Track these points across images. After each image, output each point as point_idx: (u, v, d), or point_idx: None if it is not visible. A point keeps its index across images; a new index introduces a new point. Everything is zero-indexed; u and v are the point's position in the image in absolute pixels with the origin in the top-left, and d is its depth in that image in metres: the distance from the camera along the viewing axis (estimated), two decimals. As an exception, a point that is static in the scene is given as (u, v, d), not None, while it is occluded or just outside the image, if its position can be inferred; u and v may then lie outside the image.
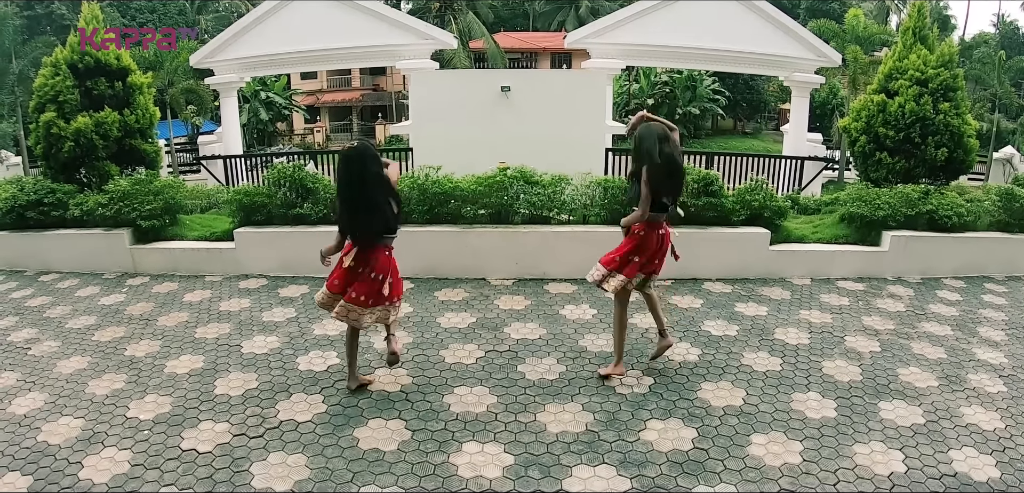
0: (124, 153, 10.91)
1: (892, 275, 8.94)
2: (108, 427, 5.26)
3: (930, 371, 6.26)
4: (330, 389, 5.74)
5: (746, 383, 5.86)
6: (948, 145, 10.67)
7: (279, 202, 8.80)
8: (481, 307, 7.52)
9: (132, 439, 5.10)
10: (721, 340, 6.71)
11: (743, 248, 8.65)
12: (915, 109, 10.56)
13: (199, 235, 9.42)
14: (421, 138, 15.27)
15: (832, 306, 7.79)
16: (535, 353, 6.38)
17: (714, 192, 8.63)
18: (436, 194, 8.47)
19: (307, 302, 7.77)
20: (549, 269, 8.42)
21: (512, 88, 14.88)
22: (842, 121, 12.65)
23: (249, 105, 41.42)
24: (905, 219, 9.06)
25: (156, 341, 6.85)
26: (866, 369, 6.22)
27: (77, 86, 10.71)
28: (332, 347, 6.54)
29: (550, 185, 8.71)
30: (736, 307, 7.63)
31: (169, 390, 5.81)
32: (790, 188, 17.93)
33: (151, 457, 4.87)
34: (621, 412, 5.35)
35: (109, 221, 9.26)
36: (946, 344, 6.90)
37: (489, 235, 8.45)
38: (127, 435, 5.15)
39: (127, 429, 5.23)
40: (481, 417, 5.28)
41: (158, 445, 5.01)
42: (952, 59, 11.08)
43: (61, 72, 10.64)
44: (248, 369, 6.16)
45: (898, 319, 7.51)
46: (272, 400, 5.60)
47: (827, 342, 6.77)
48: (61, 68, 10.68)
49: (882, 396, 5.75)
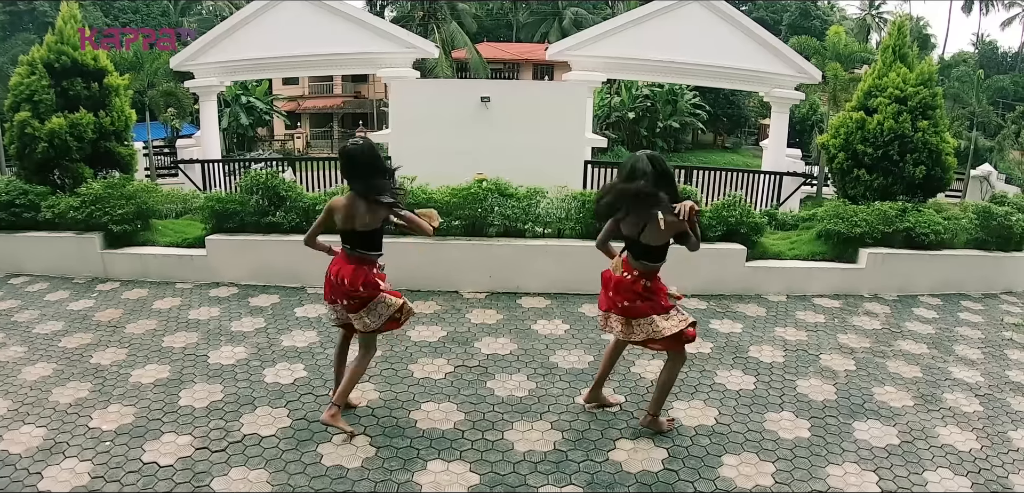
0: (99, 155, 10.72)
1: (869, 292, 8.90)
2: (70, 437, 5.11)
3: (906, 390, 6.20)
4: (296, 403, 5.61)
5: (719, 402, 5.77)
6: (926, 163, 10.65)
7: (252, 209, 8.65)
8: (452, 321, 7.41)
9: (93, 450, 4.95)
10: (694, 358, 6.59)
11: (719, 264, 8.58)
12: (894, 126, 10.54)
13: (171, 241, 9.25)
14: (400, 147, 15.13)
15: (808, 323, 7.73)
16: (505, 369, 6.27)
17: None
18: (409, 205, 8.31)
19: (277, 312, 7.64)
20: (523, 283, 8.32)
21: (492, 99, 14.82)
22: (821, 137, 12.62)
23: (230, 109, 41.13)
24: (882, 236, 9.04)
25: (123, 349, 6.69)
26: (841, 388, 6.15)
27: (53, 86, 10.52)
28: (299, 359, 6.41)
29: (525, 198, 8.61)
30: (711, 324, 7.55)
31: (133, 400, 5.66)
32: (769, 203, 17.95)
33: (111, 469, 4.73)
34: (590, 431, 5.24)
35: (81, 225, 9.07)
36: (922, 362, 6.86)
37: (462, 247, 8.34)
38: (88, 445, 5.00)
39: (89, 439, 5.08)
40: (447, 435, 5.16)
41: (119, 457, 4.87)
42: (931, 77, 11.08)
43: (37, 71, 10.44)
44: (214, 380, 6.01)
45: (874, 337, 7.45)
46: (236, 413, 5.45)
47: (802, 360, 6.70)
48: (37, 67, 10.48)
49: (857, 416, 5.68)
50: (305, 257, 8.00)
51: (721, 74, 18.96)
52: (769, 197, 18.40)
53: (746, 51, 18.10)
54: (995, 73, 38.98)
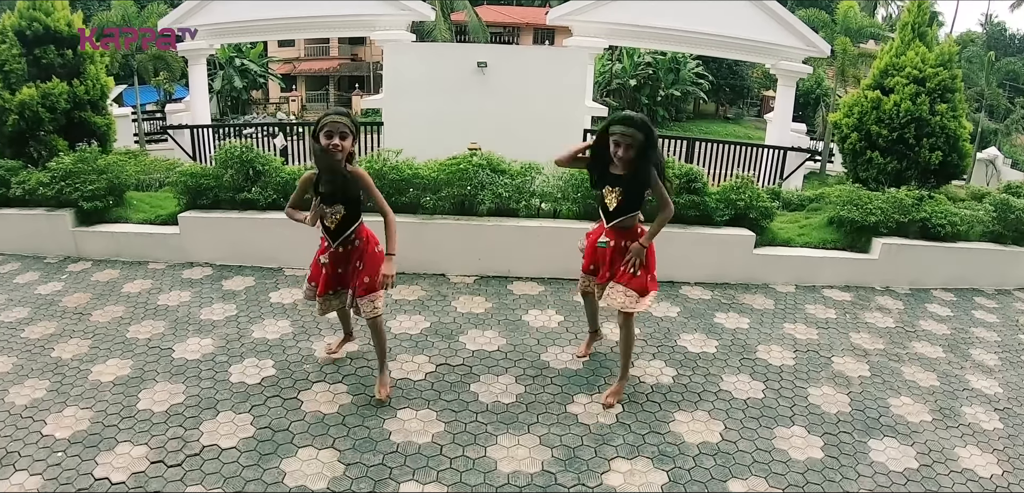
0: (74, 126, 10.24)
1: (880, 285, 8.40)
2: (22, 446, 4.64)
3: (923, 402, 5.73)
4: (261, 407, 5.10)
5: (724, 414, 5.27)
6: (943, 148, 10.19)
7: (226, 185, 8.11)
8: (437, 309, 6.88)
9: (44, 462, 4.48)
10: (698, 359, 6.11)
11: (725, 251, 8.05)
12: (911, 108, 10.08)
13: (145, 217, 8.69)
14: (394, 113, 14.73)
15: (818, 319, 7.23)
16: (491, 369, 5.74)
17: (697, 189, 8.03)
18: (393, 181, 7.80)
19: (250, 297, 7.13)
20: (514, 267, 7.80)
21: (490, 64, 14.37)
22: (833, 115, 12.13)
23: (223, 72, 40.71)
24: (897, 226, 8.52)
25: (86, 340, 6.19)
26: (855, 398, 5.66)
27: (24, 55, 10.02)
28: (269, 354, 5.90)
29: (519, 175, 8.07)
30: (716, 317, 7.04)
31: (90, 402, 5.17)
32: (772, 178, 17.55)
33: (61, 485, 4.27)
34: (582, 448, 4.73)
35: (51, 201, 8.55)
36: (938, 369, 6.38)
37: (450, 227, 7.77)
38: (40, 456, 4.53)
39: (40, 449, 4.61)
40: (424, 450, 4.64)
41: (70, 471, 4.40)
42: (951, 58, 10.60)
43: (7, 40, 9.94)
44: (177, 378, 5.51)
45: (888, 337, 6.97)
46: (196, 419, 4.95)
47: (813, 364, 6.21)
48: (8, 35, 9.96)
49: (872, 433, 5.20)
50: (282, 237, 7.64)
51: (727, 44, 18.45)
52: (773, 172, 17.99)
53: (754, 21, 17.61)
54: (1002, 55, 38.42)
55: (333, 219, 4.96)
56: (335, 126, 4.71)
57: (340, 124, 4.72)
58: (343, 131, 4.73)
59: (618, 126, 4.80)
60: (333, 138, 4.70)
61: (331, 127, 4.70)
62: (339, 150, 4.72)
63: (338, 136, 4.71)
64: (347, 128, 4.76)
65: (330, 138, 4.70)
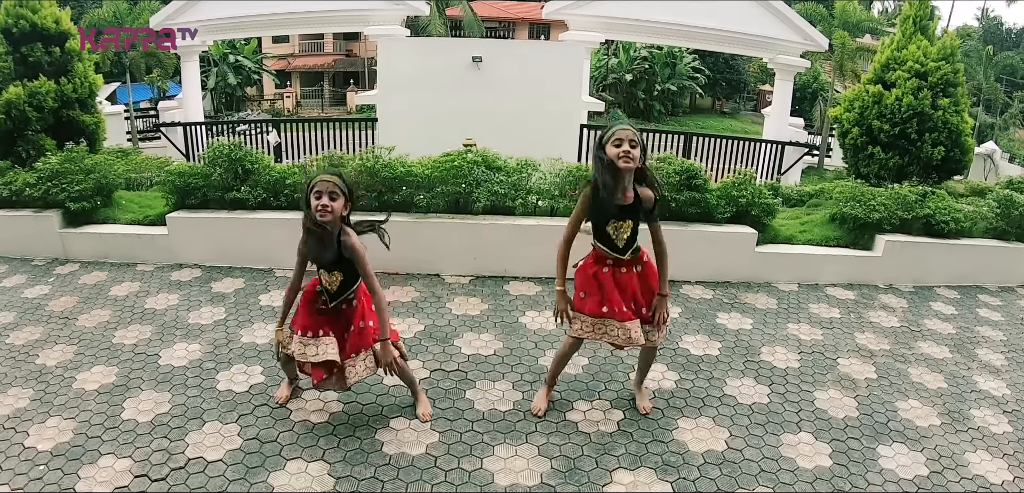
0: (62, 125, 10.06)
1: (884, 282, 8.24)
2: (3, 459, 4.44)
3: (931, 405, 5.56)
4: (248, 417, 4.90)
5: (729, 420, 5.09)
6: (945, 143, 10.02)
7: (215, 184, 7.91)
8: (431, 311, 6.70)
9: (26, 476, 4.28)
10: (701, 361, 5.94)
11: (727, 249, 7.88)
12: (913, 103, 9.91)
13: (133, 218, 8.49)
14: (388, 109, 14.56)
15: (822, 319, 7.06)
16: (488, 374, 5.55)
17: (698, 186, 7.85)
18: (386, 179, 7.61)
19: (239, 300, 6.94)
20: (511, 266, 7.61)
21: (484, 59, 14.20)
22: (833, 110, 11.96)
23: (217, 69, 40.55)
24: (900, 223, 8.35)
25: (71, 346, 5.99)
26: (862, 402, 5.49)
27: (11, 53, 9.84)
28: (258, 360, 5.71)
29: (515, 171, 7.89)
30: (718, 318, 6.87)
31: (74, 412, 4.98)
32: (770, 173, 17.43)
33: (42, 501, 4.07)
34: (583, 458, 4.54)
35: (38, 202, 8.34)
36: (945, 369, 6.21)
37: (445, 226, 7.57)
38: (21, 470, 4.34)
39: (22, 462, 4.41)
40: (418, 462, 4.45)
41: (52, 485, 4.21)
42: (953, 52, 10.42)
43: (-7, 38, 9.74)
44: (162, 386, 5.31)
45: (893, 337, 6.80)
46: (182, 429, 4.76)
47: (819, 366, 6.04)
48: (-7, 33, 9.77)
49: (881, 438, 5.02)
50: (272, 237, 7.45)
51: (725, 38, 18.33)
52: (770, 167, 17.87)
53: (751, 14, 17.50)
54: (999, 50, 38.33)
55: (333, 284, 4.58)
56: (324, 185, 4.29)
57: (329, 184, 4.30)
58: (333, 191, 4.30)
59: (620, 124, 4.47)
60: (322, 199, 4.27)
61: (320, 186, 4.29)
62: (329, 212, 4.28)
63: (327, 196, 4.28)
64: (338, 189, 4.32)
65: (319, 199, 4.28)
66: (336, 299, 4.60)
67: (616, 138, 4.36)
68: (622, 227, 4.60)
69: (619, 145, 4.35)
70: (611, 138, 4.38)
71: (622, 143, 4.34)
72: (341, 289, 4.57)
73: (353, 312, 4.65)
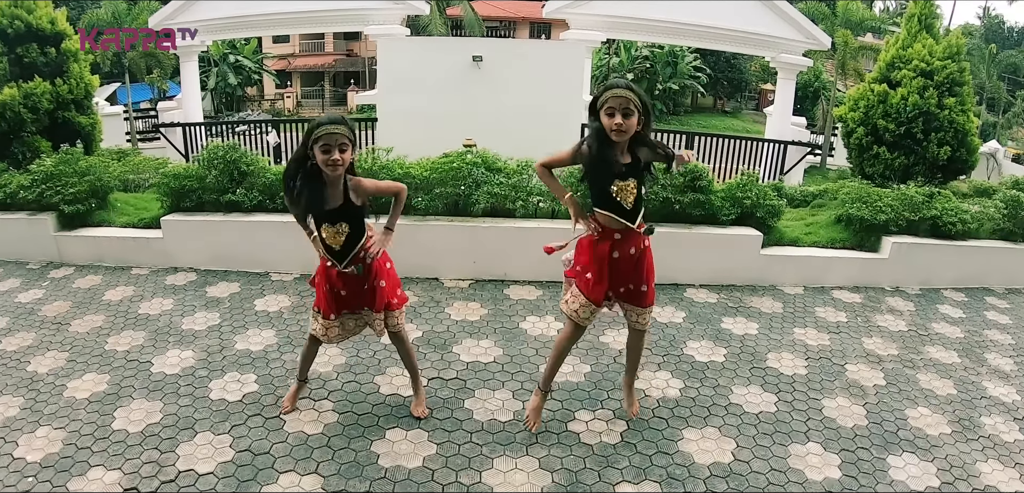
0: (58, 127, 9.94)
1: (890, 285, 8.10)
2: (-8, 471, 4.32)
3: (941, 412, 5.42)
4: (241, 427, 4.76)
5: (736, 430, 4.94)
6: (951, 143, 9.88)
7: (211, 186, 7.77)
8: (430, 316, 6.56)
9: (14, 488, 4.17)
10: (706, 368, 5.79)
11: (732, 252, 7.73)
12: (919, 102, 9.77)
13: (129, 220, 8.35)
14: (388, 109, 14.44)
15: (829, 323, 6.92)
16: (487, 382, 5.41)
17: (702, 187, 7.71)
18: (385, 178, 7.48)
19: (234, 304, 6.81)
20: (511, 270, 7.48)
21: (485, 58, 14.07)
22: (838, 109, 11.82)
23: (217, 69, 40.47)
24: (907, 224, 8.21)
25: (63, 353, 5.87)
26: (871, 410, 5.35)
27: (6, 54, 9.75)
28: (252, 368, 5.57)
29: (515, 173, 7.75)
30: (723, 323, 6.73)
31: (64, 421, 4.85)
32: (773, 173, 17.32)
33: (30, 516, 3.93)
34: (585, 472, 4.40)
35: (33, 205, 8.21)
36: (954, 375, 6.08)
37: (444, 229, 7.44)
38: (9, 482, 4.22)
39: (11, 473, 4.29)
40: (414, 475, 4.30)
41: (40, 498, 4.07)
42: (959, 51, 10.27)
43: (-12, 39, 9.64)
44: (154, 395, 5.18)
45: (901, 341, 6.66)
46: (173, 440, 4.62)
47: (826, 372, 5.90)
48: (-12, 34, 9.66)
49: (891, 448, 4.89)
50: (268, 241, 7.31)
51: (727, 36, 18.19)
52: (773, 166, 17.74)
53: (753, 13, 17.36)
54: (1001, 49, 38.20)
55: (337, 240, 4.28)
56: (333, 138, 4.00)
57: (339, 136, 4.01)
58: (343, 142, 4.03)
59: (611, 90, 4.03)
60: (332, 153, 4.00)
61: (328, 140, 3.99)
62: (340, 165, 4.06)
63: (338, 150, 4.01)
64: (347, 138, 4.06)
65: (329, 153, 4.00)
66: (346, 259, 4.34)
67: (608, 107, 4.03)
68: (626, 187, 4.20)
69: (611, 115, 4.03)
70: (604, 104, 4.05)
71: (614, 114, 4.02)
72: (347, 245, 4.31)
73: (370, 271, 4.46)
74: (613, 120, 4.02)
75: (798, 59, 18.32)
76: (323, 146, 4.01)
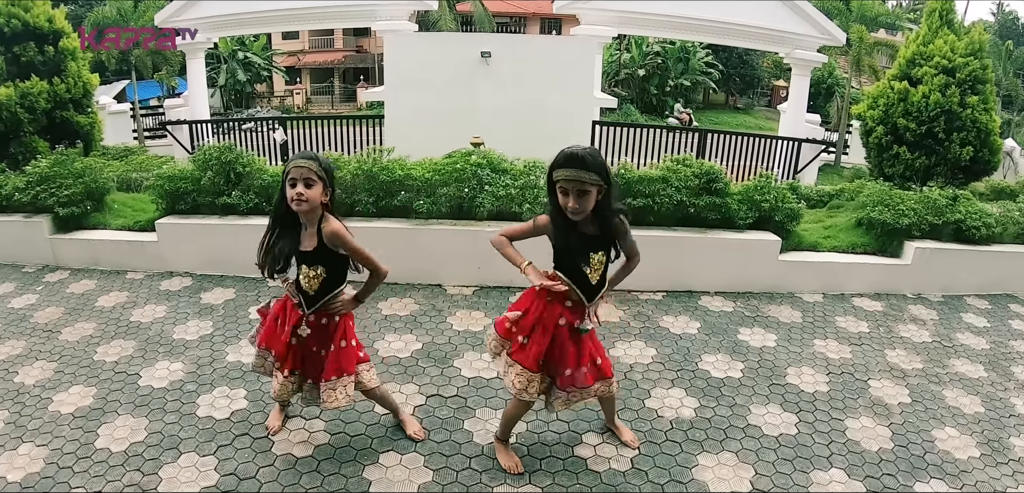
0: (56, 126, 9.74)
1: (912, 292, 7.76)
2: (-30, 493, 4.08)
3: (969, 433, 5.10)
4: (227, 449, 4.48)
5: (754, 454, 4.62)
6: (974, 143, 9.53)
7: (206, 188, 7.50)
8: (431, 326, 6.26)
9: (-6, 512, 3.91)
10: (723, 385, 5.47)
11: (749, 257, 7.41)
12: (941, 100, 9.43)
13: (125, 223, 8.11)
14: (395, 106, 14.17)
15: (850, 334, 6.60)
16: (489, 400, 5.09)
17: (718, 190, 7.40)
18: (384, 182, 7.18)
19: (228, 313, 6.55)
20: (517, 277, 7.08)
21: (494, 54, 13.79)
22: (857, 107, 11.49)
23: (226, 66, 40.42)
24: (930, 228, 7.87)
25: (52, 363, 5.64)
26: (897, 431, 5.03)
27: (2, 53, 9.56)
28: (242, 382, 5.29)
29: (522, 174, 7.44)
30: (740, 334, 6.41)
31: (47, 438, 4.61)
32: (787, 171, 17.03)
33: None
34: (592, 503, 4.11)
35: (28, 207, 7.99)
36: (982, 391, 5.75)
37: (447, 233, 7.14)
38: (-11, 505, 3.97)
39: (-11, 496, 4.05)
40: (409, 506, 4.03)
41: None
42: (982, 47, 9.92)
43: (-15, 38, 9.44)
44: (140, 411, 4.92)
45: (925, 354, 6.33)
46: (156, 461, 4.36)
47: (849, 389, 5.57)
48: (-15, 33, 9.47)
49: (918, 474, 4.57)
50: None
51: (740, 32, 17.89)
52: (787, 165, 17.43)
53: (767, 8, 17.06)
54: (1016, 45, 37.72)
55: (313, 283, 4.04)
56: (299, 171, 3.82)
57: (305, 169, 3.83)
58: (309, 178, 3.83)
59: (562, 170, 3.61)
60: (296, 186, 3.81)
61: (295, 174, 3.83)
62: (305, 201, 3.83)
63: (302, 184, 3.82)
64: (315, 174, 3.85)
65: (293, 187, 3.82)
66: (315, 304, 4.07)
67: (560, 187, 3.65)
68: (595, 261, 3.86)
69: (565, 194, 3.64)
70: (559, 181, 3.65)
71: (568, 194, 3.63)
72: (322, 289, 4.05)
73: (335, 328, 4.19)
74: (568, 200, 3.63)
75: (813, 55, 18.00)
76: (289, 179, 3.84)
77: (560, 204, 3.67)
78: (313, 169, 3.83)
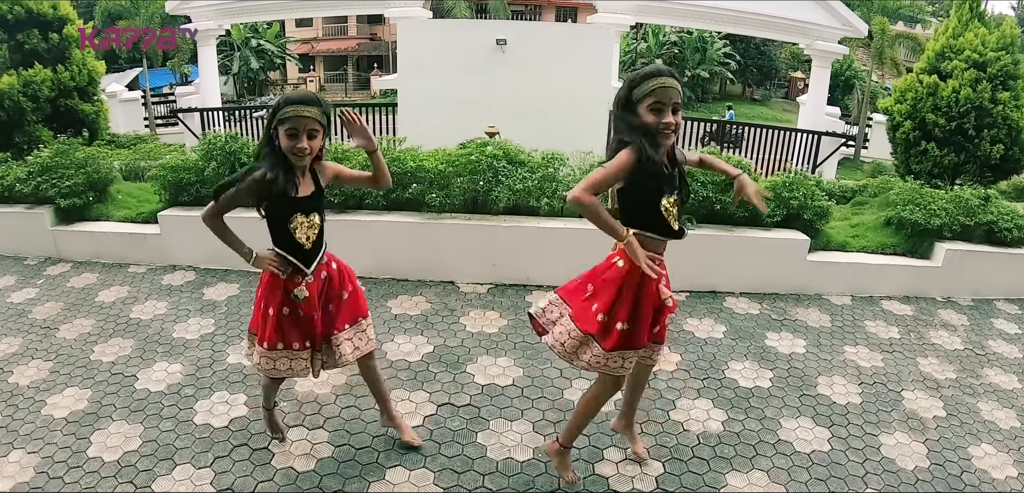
0: (60, 115, 9.54)
1: (942, 295, 7.45)
2: (-42, 502, 3.87)
3: (1006, 450, 4.80)
4: (225, 460, 4.23)
5: (786, 473, 4.33)
6: (1004, 141, 9.20)
7: (210, 179, 7.25)
8: (443, 327, 5.98)
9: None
10: (751, 395, 5.18)
11: (776, 257, 7.10)
12: (971, 96, 9.08)
13: (128, 214, 7.91)
14: (409, 94, 13.96)
15: (881, 341, 6.29)
16: (504, 410, 4.80)
17: (747, 186, 7.10)
18: (395, 174, 6.90)
19: (231, 309, 6.31)
20: (533, 274, 6.89)
21: (509, 42, 13.55)
22: (883, 101, 11.17)
23: (240, 54, 40.38)
24: (962, 229, 7.55)
25: (48, 362, 5.44)
26: (932, 448, 4.74)
27: (7, 40, 9.37)
28: (242, 386, 5.05)
29: (540, 166, 7.16)
30: (767, 339, 6.11)
31: (39, 444, 4.40)
32: (805, 164, 16.75)
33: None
34: (614, 526, 3.84)
35: (30, 198, 7.81)
36: (1017, 403, 5.44)
37: (460, 228, 6.86)
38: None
39: (-22, 505, 3.83)
40: (416, 528, 3.77)
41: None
42: (1013, 42, 9.58)
43: (-12, 25, 9.26)
44: (135, 417, 4.68)
45: (958, 363, 6.02)
46: (150, 473, 4.12)
47: (882, 401, 5.28)
48: (-12, 21, 9.29)
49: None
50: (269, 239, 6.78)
51: (761, 22, 17.58)
52: (806, 158, 17.13)
53: (788, -2, 16.73)
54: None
55: (311, 233, 3.66)
56: (301, 123, 3.37)
57: (307, 120, 3.39)
58: (313, 128, 3.42)
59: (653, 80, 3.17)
60: (299, 139, 3.40)
61: (295, 124, 3.37)
62: (306, 154, 3.45)
63: (306, 136, 3.41)
64: (318, 123, 3.43)
65: (294, 139, 3.39)
66: (314, 257, 3.71)
67: (656, 100, 3.18)
68: (674, 203, 3.44)
69: (659, 111, 3.19)
70: (647, 97, 3.19)
71: (663, 110, 3.19)
72: (320, 240, 3.72)
73: (336, 275, 3.88)
74: (662, 118, 3.19)
75: (834, 47, 17.67)
76: (289, 130, 3.40)
77: (651, 125, 3.21)
78: (317, 117, 3.43)
